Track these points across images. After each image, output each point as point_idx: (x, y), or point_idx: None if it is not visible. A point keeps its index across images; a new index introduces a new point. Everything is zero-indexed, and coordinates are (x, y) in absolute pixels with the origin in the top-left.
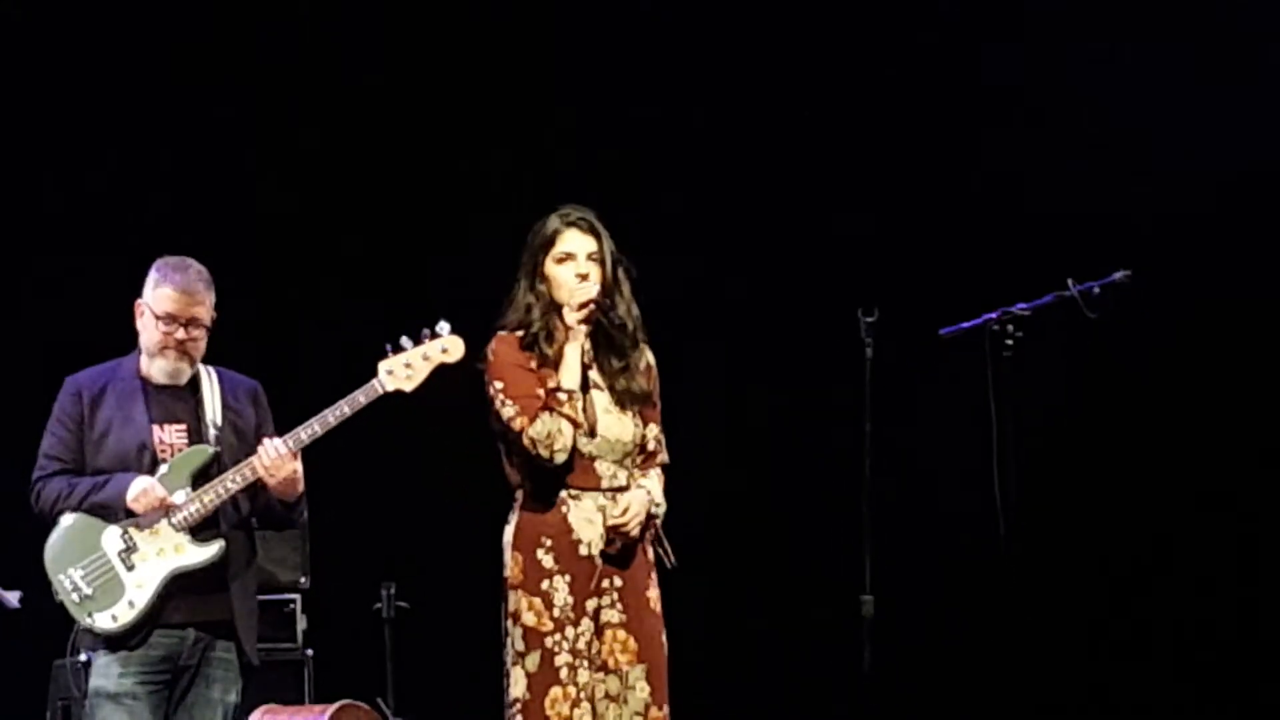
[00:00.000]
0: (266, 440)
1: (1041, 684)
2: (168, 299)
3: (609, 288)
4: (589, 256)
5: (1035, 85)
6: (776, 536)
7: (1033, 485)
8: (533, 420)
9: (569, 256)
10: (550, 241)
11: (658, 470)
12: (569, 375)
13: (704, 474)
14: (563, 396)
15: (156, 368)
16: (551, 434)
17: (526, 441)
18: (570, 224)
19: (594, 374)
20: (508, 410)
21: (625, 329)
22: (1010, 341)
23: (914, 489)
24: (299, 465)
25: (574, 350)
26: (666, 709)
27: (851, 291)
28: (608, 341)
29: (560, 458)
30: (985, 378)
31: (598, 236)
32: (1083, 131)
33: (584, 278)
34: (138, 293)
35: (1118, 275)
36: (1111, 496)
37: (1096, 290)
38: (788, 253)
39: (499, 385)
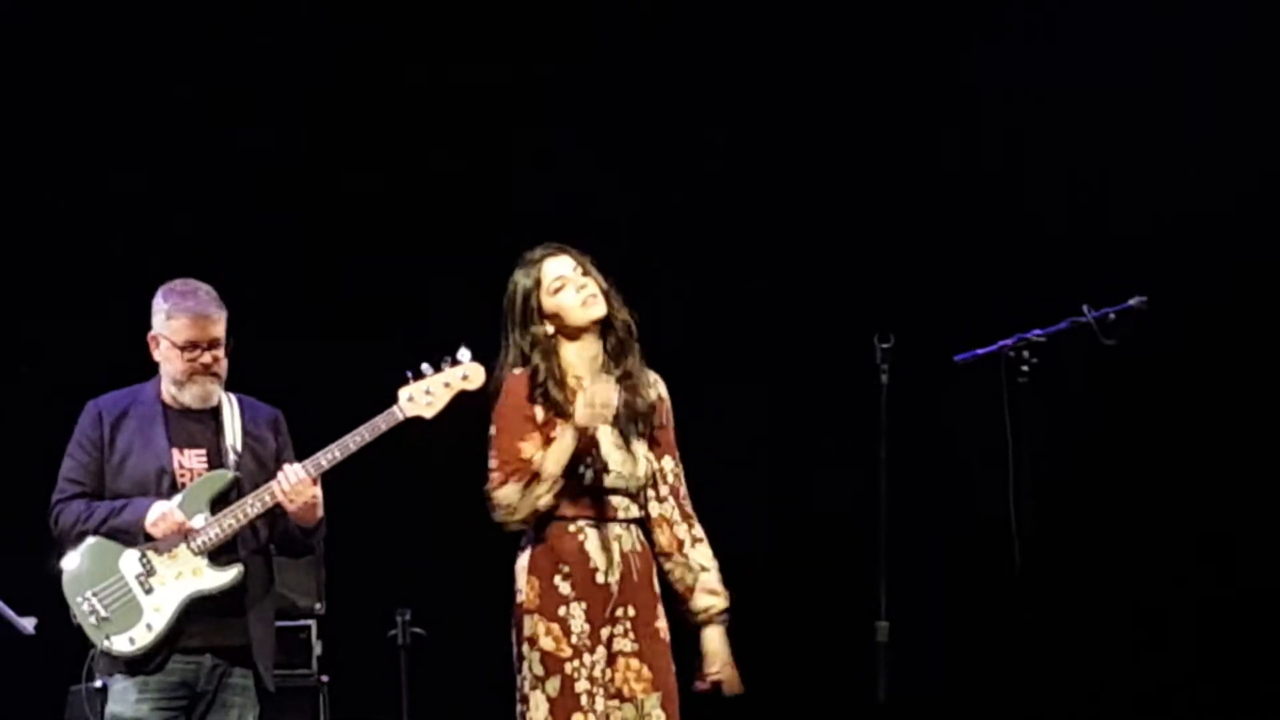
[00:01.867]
0: (286, 465)
1: (1059, 710)
2: (185, 328)
3: (608, 296)
4: (579, 274)
5: (1052, 110)
6: (790, 562)
7: (1048, 511)
8: (503, 483)
9: (563, 280)
10: (535, 283)
11: (703, 539)
12: (554, 460)
13: (718, 500)
14: (542, 477)
15: (189, 395)
16: (512, 506)
17: (491, 500)
18: (542, 258)
19: None
20: (491, 461)
21: (630, 332)
22: (1026, 368)
23: (929, 514)
24: (319, 491)
25: (568, 436)
26: None
27: (867, 318)
28: (615, 351)
29: (513, 528)
30: (1001, 404)
31: (573, 255)
32: (1098, 157)
33: (584, 288)
34: (147, 315)
35: (1133, 301)
36: (1128, 522)
37: (1112, 316)
38: (802, 279)
39: (493, 431)
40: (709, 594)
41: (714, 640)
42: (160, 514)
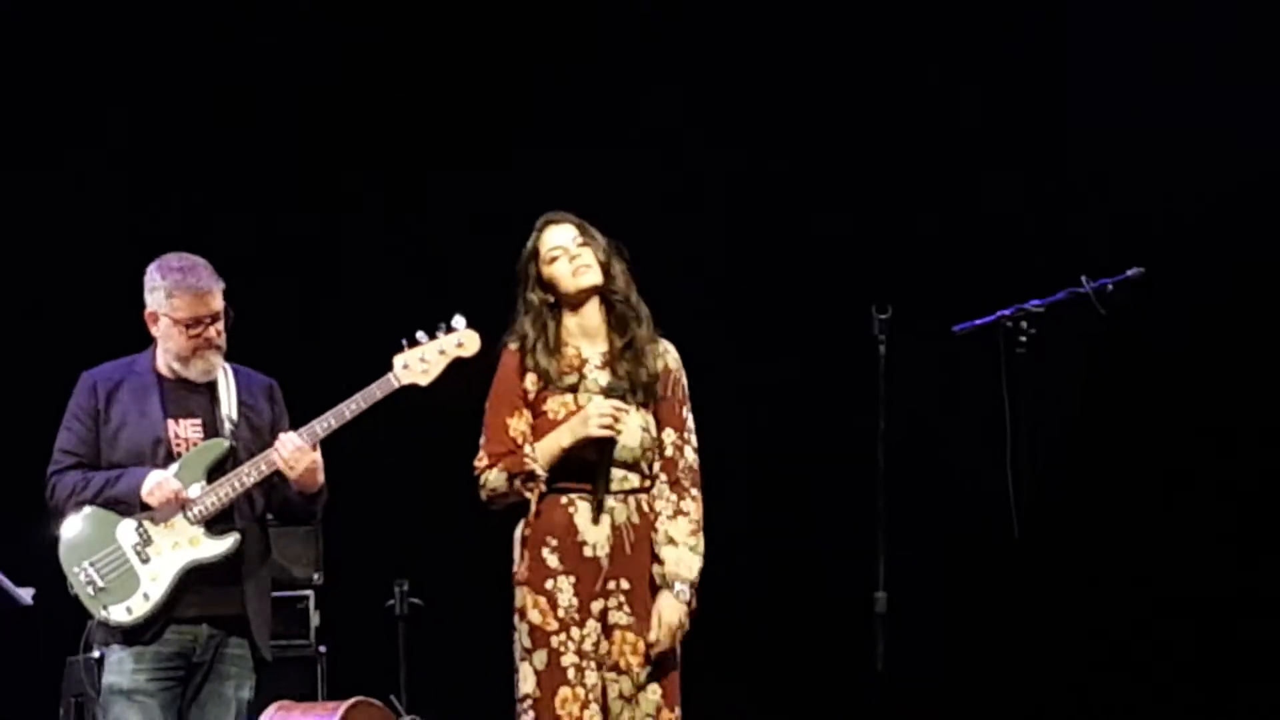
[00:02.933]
0: (283, 433)
1: (1055, 682)
2: (187, 305)
3: (606, 267)
4: (575, 242)
5: (1051, 81)
6: (789, 533)
7: (1046, 481)
8: (490, 466)
9: (560, 250)
10: (535, 251)
11: (691, 514)
12: (545, 462)
13: (716, 470)
14: (536, 478)
15: (194, 371)
16: (498, 492)
17: (478, 480)
18: (546, 224)
19: (604, 377)
20: (481, 438)
21: (629, 303)
22: (1024, 338)
23: (927, 485)
24: (318, 456)
25: (565, 439)
26: (679, 710)
27: (865, 288)
28: (617, 322)
29: (493, 508)
30: (999, 374)
31: (576, 224)
32: (1098, 127)
33: (578, 257)
34: (142, 286)
35: (1131, 272)
36: (1126, 493)
37: (1110, 287)
38: (801, 249)
39: (487, 406)
40: (671, 562)
41: (658, 604)
42: (156, 483)
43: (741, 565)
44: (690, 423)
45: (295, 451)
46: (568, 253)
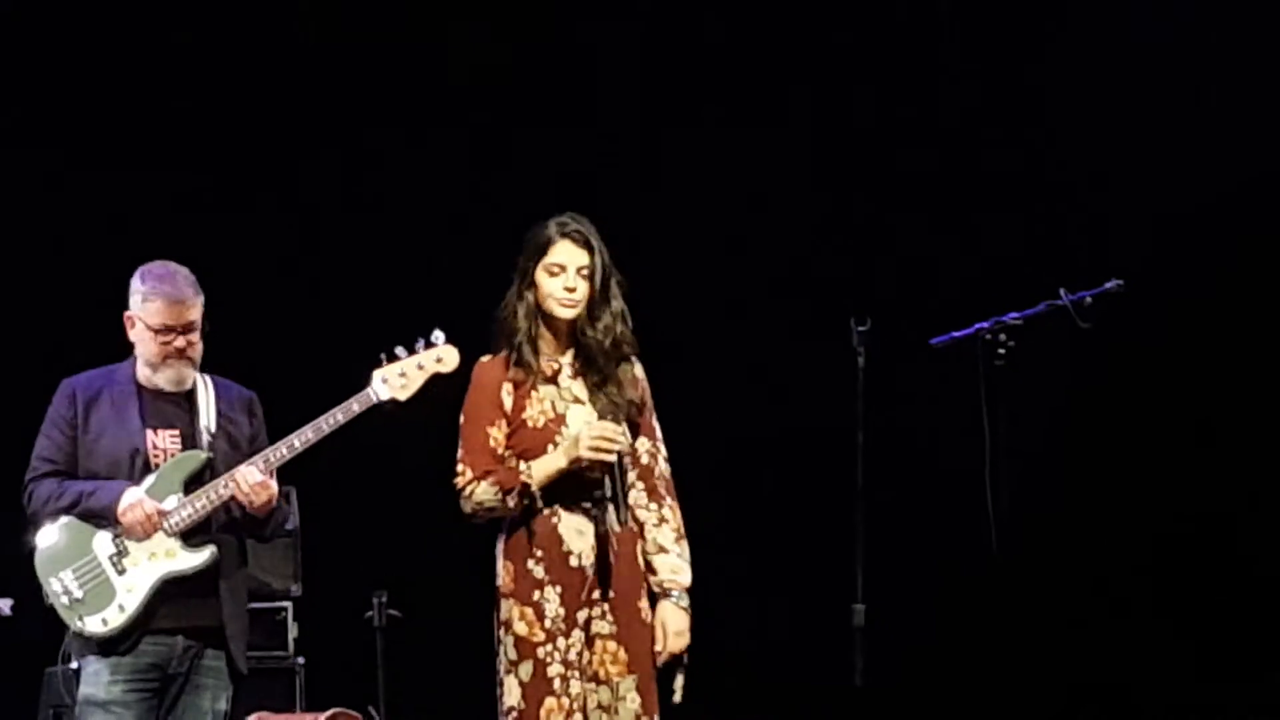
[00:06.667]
0: (242, 467)
1: (1034, 694)
2: (160, 311)
3: (594, 301)
4: (579, 271)
5: (1029, 93)
6: (767, 545)
7: (1025, 494)
8: (477, 480)
9: (560, 269)
10: (543, 250)
11: (671, 521)
12: (541, 480)
13: (694, 482)
14: (527, 485)
15: (163, 378)
16: (484, 505)
17: (462, 498)
18: (565, 235)
19: (578, 386)
20: (459, 451)
21: (605, 346)
22: (1002, 351)
23: (906, 498)
24: (274, 486)
25: (562, 461)
26: (656, 719)
27: (844, 300)
28: (590, 356)
29: (476, 521)
30: (977, 387)
31: (591, 251)
32: (1077, 138)
33: (571, 290)
34: (124, 295)
35: (1110, 284)
36: (1104, 505)
37: (1089, 300)
38: (780, 261)
39: (462, 421)
40: (666, 571)
41: (661, 613)
42: (130, 503)
43: (719, 577)
44: (659, 431)
45: (256, 486)
46: (566, 276)
